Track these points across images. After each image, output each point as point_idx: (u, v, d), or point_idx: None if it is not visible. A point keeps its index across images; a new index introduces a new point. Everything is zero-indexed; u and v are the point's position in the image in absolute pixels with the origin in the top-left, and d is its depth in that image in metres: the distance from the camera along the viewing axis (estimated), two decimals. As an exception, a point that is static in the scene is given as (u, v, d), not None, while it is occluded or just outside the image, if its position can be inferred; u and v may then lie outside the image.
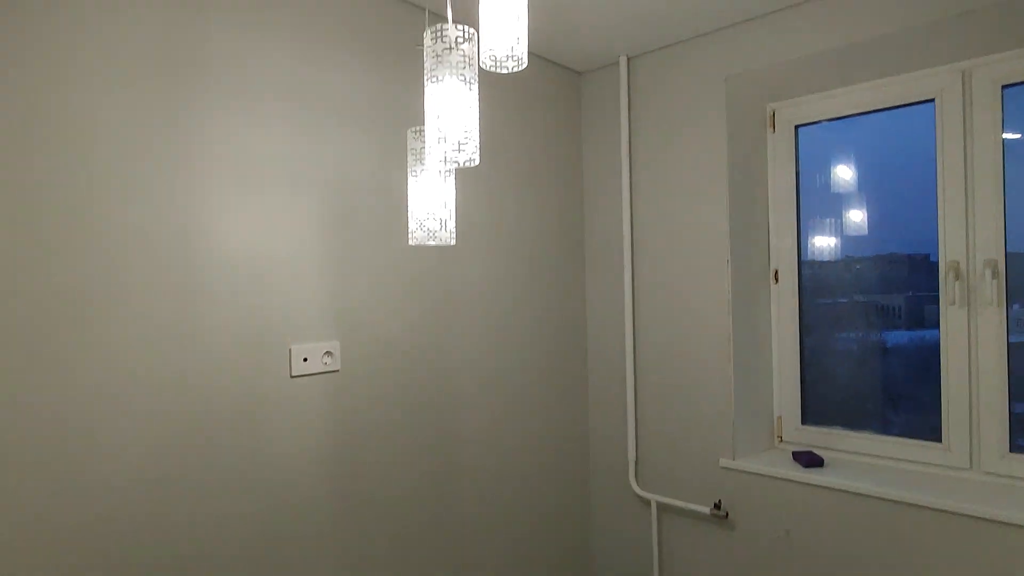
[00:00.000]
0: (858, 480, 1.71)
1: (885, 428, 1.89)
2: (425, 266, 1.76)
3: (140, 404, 1.24)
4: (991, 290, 1.66)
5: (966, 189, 1.70)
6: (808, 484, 1.79)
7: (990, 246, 1.66)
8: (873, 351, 1.94)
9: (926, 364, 1.81)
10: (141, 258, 1.24)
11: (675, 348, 2.09)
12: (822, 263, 2.02)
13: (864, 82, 1.86)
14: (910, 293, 1.88)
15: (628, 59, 2.16)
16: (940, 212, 1.74)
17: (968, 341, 1.69)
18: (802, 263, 2.04)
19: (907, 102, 1.81)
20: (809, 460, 1.84)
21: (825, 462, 1.87)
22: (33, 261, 1.12)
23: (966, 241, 1.69)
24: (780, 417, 2.06)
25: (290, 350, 1.48)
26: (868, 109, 1.88)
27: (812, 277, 2.03)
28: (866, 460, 1.87)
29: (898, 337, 1.90)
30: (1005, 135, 1.65)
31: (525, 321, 2.08)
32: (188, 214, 1.31)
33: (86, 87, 1.18)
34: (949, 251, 1.72)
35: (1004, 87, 1.65)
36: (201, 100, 1.33)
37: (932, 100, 1.77)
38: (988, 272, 1.65)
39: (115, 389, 1.21)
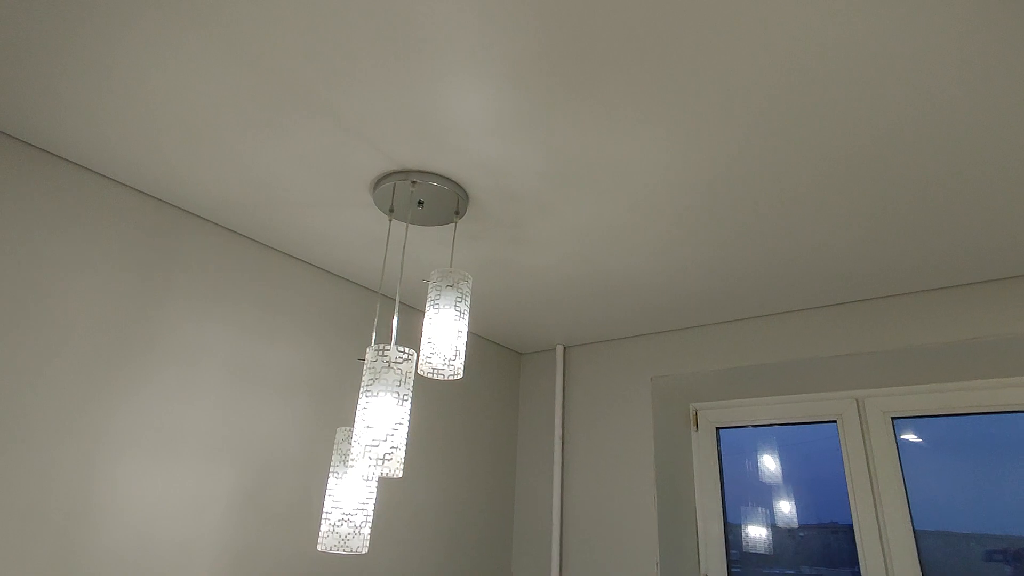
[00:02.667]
0: None
1: None
2: (334, 563, 1.62)
3: None
4: (917, 624, 1.62)
5: (875, 506, 1.77)
6: None
7: (906, 565, 1.67)
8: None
9: None
10: (19, 528, 1.11)
11: (603, 661, 1.88)
12: (779, 533, 1.97)
13: (776, 395, 2.04)
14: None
15: (564, 348, 2.34)
16: (856, 528, 1.78)
17: None
18: (731, 557, 1.98)
19: (813, 420, 1.97)
20: None
21: None
22: None
23: (883, 558, 1.71)
24: None
25: (156, 657, 1.26)
26: (780, 421, 2.03)
27: (766, 559, 1.97)
28: None
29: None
30: (905, 437, 1.79)
31: (440, 617, 1.87)
32: (87, 484, 1.21)
33: (26, 343, 1.17)
34: (870, 568, 1.72)
35: (893, 418, 1.84)
36: (134, 365, 1.34)
37: (835, 421, 1.93)
38: (910, 605, 1.64)
39: None
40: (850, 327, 1.80)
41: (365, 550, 1.15)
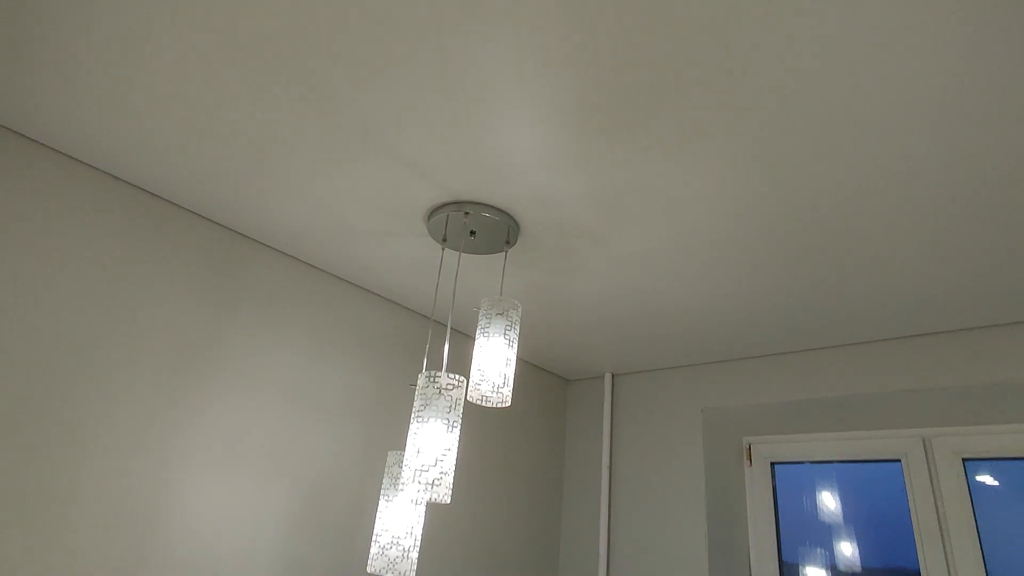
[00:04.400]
0: None
1: None
2: None
3: None
4: None
5: (945, 553, 1.66)
6: None
7: (982, 629, 1.56)
8: None
9: None
10: (97, 532, 1.19)
11: None
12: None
13: (836, 432, 1.96)
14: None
15: (613, 376, 2.32)
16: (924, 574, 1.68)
17: None
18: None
19: (875, 458, 1.88)
20: None
21: None
22: (-28, 549, 1.07)
23: (956, 619, 1.60)
24: None
25: (212, 669, 1.31)
26: (839, 459, 1.95)
27: None
28: None
29: None
30: (980, 479, 1.68)
31: (484, 645, 1.86)
32: (159, 493, 1.28)
33: (108, 365, 1.26)
34: (940, 628, 1.61)
35: (964, 460, 1.73)
36: (202, 384, 1.41)
37: (899, 460, 1.84)
38: (986, 663, 1.53)
39: None
40: (916, 362, 1.72)
41: (412, 574, 1.17)
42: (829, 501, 1.98)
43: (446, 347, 1.28)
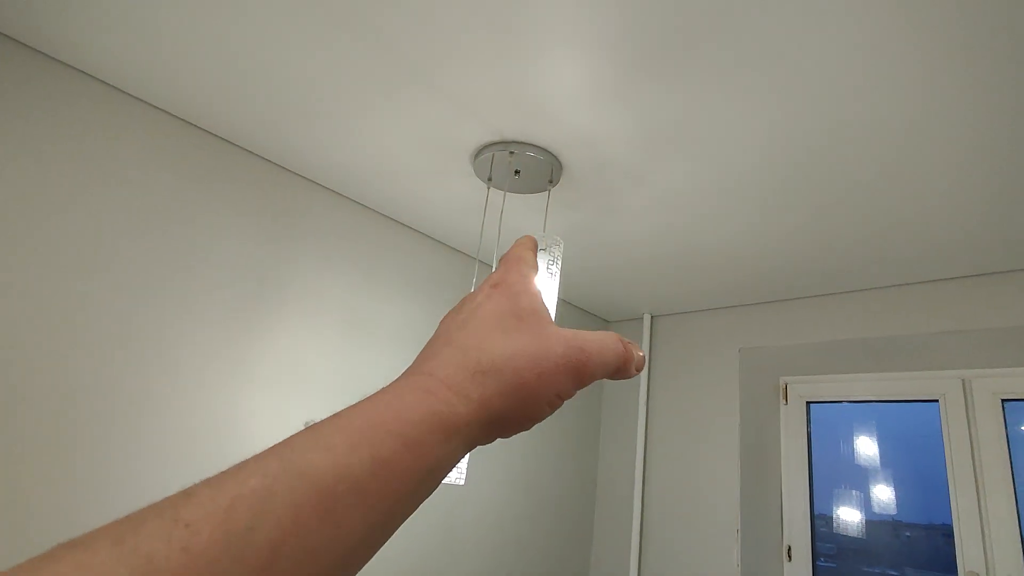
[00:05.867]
0: None
1: None
2: (431, 499, 1.79)
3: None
4: (1016, 612, 1.56)
5: (978, 495, 1.70)
6: None
7: (1008, 562, 1.61)
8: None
9: None
10: (178, 437, 1.35)
11: (680, 617, 1.96)
12: (868, 524, 1.94)
13: (873, 372, 1.98)
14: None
15: (652, 317, 2.38)
16: (955, 518, 1.72)
17: (998, 668, 1.56)
18: (816, 535, 1.97)
19: (913, 399, 1.90)
20: None
21: None
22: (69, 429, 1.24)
23: (984, 552, 1.65)
24: None
25: None
26: (876, 398, 1.97)
27: (853, 543, 1.94)
28: None
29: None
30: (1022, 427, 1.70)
31: (529, 564, 2.02)
32: (229, 406, 1.44)
33: (183, 292, 1.40)
34: (967, 560, 1.67)
35: (1003, 400, 1.74)
36: (267, 312, 1.54)
37: (937, 400, 1.86)
38: (1010, 591, 1.58)
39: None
40: (956, 303, 1.72)
41: (462, 482, 1.29)
42: (865, 444, 2.02)
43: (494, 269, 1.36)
